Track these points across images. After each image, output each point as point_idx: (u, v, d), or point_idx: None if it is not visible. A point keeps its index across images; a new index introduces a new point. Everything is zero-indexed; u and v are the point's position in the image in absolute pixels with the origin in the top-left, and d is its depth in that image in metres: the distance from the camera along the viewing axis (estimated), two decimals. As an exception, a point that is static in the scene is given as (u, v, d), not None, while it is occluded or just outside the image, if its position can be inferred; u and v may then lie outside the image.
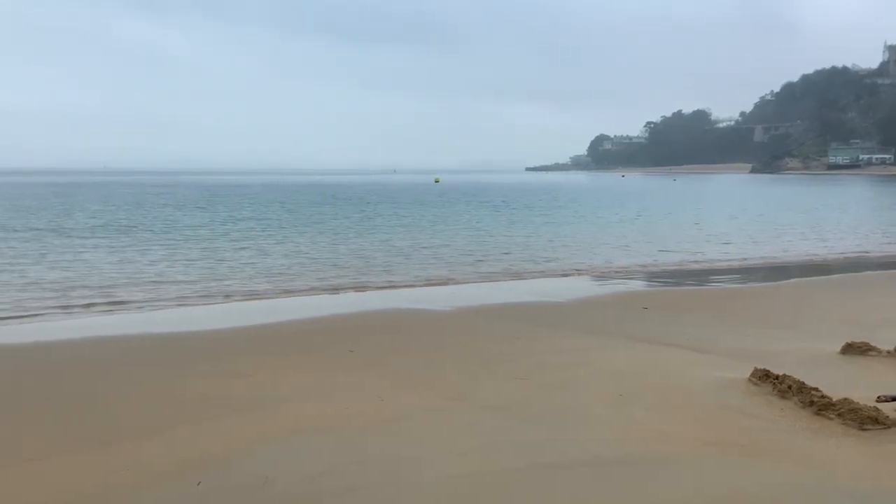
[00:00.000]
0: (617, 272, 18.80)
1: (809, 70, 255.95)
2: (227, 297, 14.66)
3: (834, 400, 6.58)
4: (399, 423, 6.61)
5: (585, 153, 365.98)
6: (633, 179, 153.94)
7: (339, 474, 5.42)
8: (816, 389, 6.82)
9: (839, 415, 6.39)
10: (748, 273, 19.22)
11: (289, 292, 15.36)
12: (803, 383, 7.00)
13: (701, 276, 18.43)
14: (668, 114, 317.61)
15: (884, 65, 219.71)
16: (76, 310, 13.18)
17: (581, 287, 16.30)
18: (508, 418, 6.69)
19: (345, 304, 13.93)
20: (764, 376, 7.48)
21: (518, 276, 18.13)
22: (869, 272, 19.29)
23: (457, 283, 16.93)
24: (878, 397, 6.82)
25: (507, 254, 22.68)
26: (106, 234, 27.41)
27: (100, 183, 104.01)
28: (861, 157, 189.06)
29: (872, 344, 8.94)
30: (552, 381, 7.96)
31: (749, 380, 7.62)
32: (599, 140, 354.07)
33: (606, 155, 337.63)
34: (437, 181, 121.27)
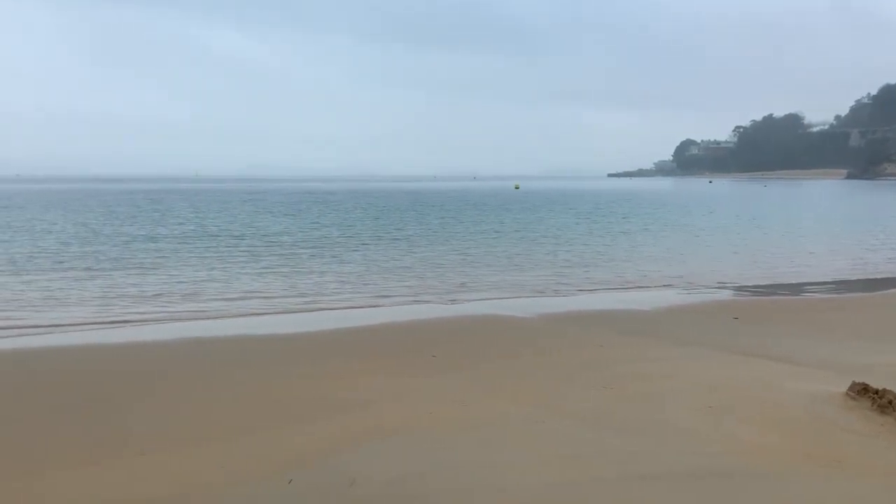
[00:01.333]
0: (705, 281, 18.28)
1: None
2: (315, 303, 14.99)
3: (939, 417, 6.22)
4: (483, 428, 6.61)
5: (670, 158, 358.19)
6: (720, 185, 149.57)
7: (426, 478, 5.46)
8: (920, 406, 6.48)
9: (944, 433, 6.04)
10: (844, 283, 18.36)
11: (374, 298, 15.57)
12: (905, 399, 6.66)
13: (794, 286, 17.72)
14: (759, 117, 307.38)
15: None
16: (175, 313, 13.74)
17: (667, 296, 15.91)
18: (595, 427, 6.59)
19: (426, 309, 14.02)
20: (862, 391, 7.13)
21: (601, 284, 17.86)
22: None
23: (538, 290, 16.79)
24: None
25: (589, 261, 22.39)
26: (217, 243, 28.46)
27: (194, 190, 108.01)
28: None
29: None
30: (639, 390, 7.80)
31: (846, 394, 7.28)
32: (686, 145, 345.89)
33: (693, 160, 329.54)
34: (516, 187, 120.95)
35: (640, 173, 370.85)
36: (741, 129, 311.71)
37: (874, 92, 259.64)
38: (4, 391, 8.11)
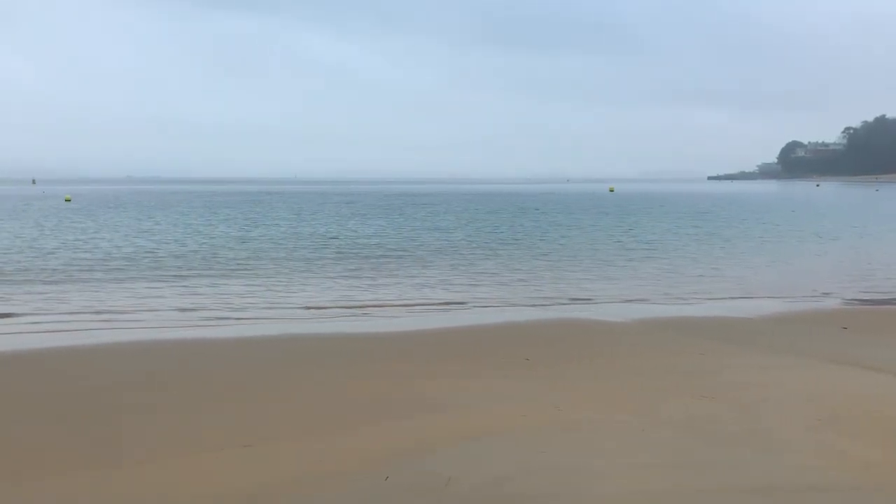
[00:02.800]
0: (811, 289, 17.48)
1: None
2: (410, 304, 15.21)
3: None
4: (578, 433, 6.55)
5: (775, 161, 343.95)
6: (829, 189, 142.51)
7: (520, 481, 5.46)
8: None
9: None
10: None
11: (467, 299, 15.66)
12: None
13: (910, 295, 16.71)
14: (870, 118, 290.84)
15: None
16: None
17: (771, 304, 15.29)
18: (694, 437, 6.43)
19: (519, 312, 13.99)
20: None
21: (700, 290, 17.35)
22: None
23: (635, 296, 16.47)
24: None
25: (687, 267, 21.81)
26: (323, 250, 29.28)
27: (294, 192, 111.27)
28: None
29: None
30: (740, 400, 7.55)
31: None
32: (791, 147, 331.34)
33: (799, 163, 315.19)
34: (611, 190, 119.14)
35: (743, 176, 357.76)
36: (851, 131, 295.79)
37: None
38: (132, 381, 8.61)
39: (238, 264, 21.33)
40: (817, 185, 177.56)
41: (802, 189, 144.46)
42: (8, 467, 5.86)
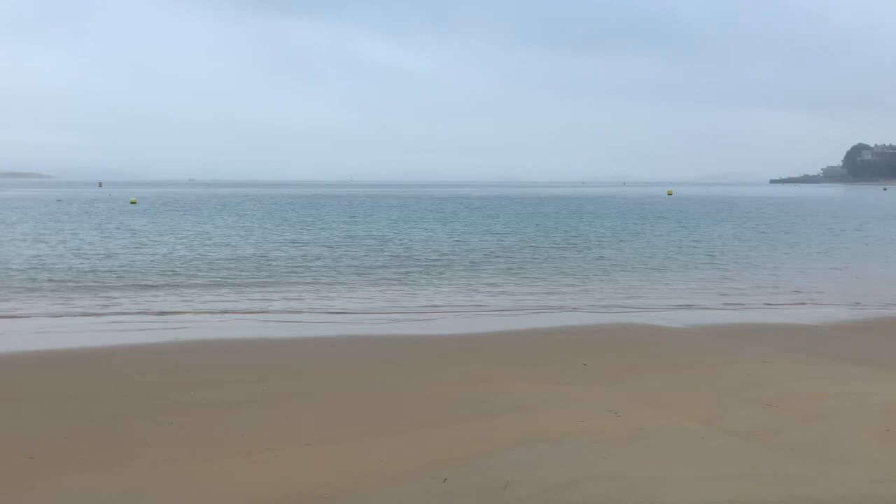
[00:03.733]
0: (880, 298, 16.89)
1: None
2: (469, 307, 15.24)
3: None
4: (638, 441, 6.47)
5: (840, 164, 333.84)
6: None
7: (579, 487, 5.42)
8: None
9: None
10: None
11: (524, 305, 15.61)
12: None
13: None
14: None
15: None
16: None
17: (836, 311, 14.84)
18: (760, 446, 6.29)
19: (577, 317, 13.87)
20: None
21: (762, 296, 16.93)
22: None
23: (696, 302, 16.16)
24: None
25: (746, 273, 21.33)
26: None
27: (348, 195, 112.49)
28: None
29: None
30: (807, 410, 7.36)
31: None
32: (857, 150, 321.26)
33: (865, 166, 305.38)
34: (669, 193, 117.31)
35: (806, 179, 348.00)
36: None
37: None
38: (200, 380, 8.84)
39: (292, 268, 21.68)
40: (884, 189, 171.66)
41: (869, 193, 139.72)
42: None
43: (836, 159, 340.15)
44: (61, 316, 13.61)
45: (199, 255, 24.54)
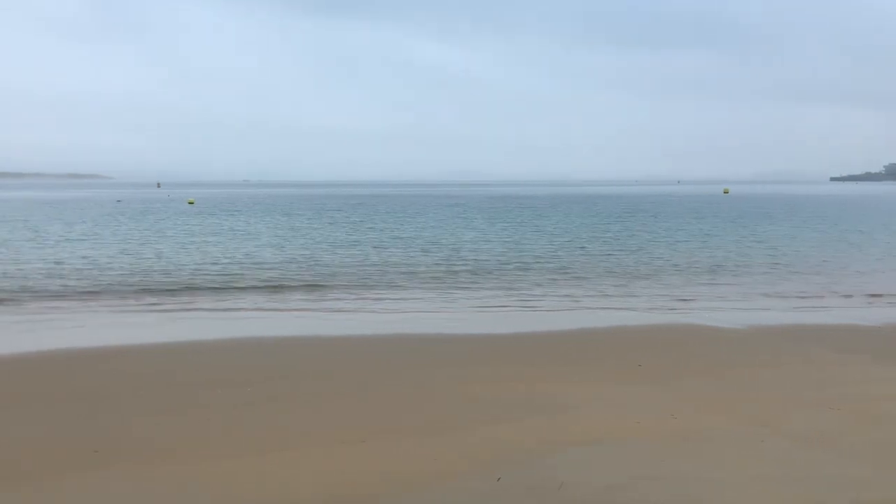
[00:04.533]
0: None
1: None
2: (519, 305, 15.20)
3: None
4: (695, 443, 6.36)
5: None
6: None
7: (633, 489, 5.36)
8: None
9: None
10: None
11: (578, 304, 15.49)
12: None
13: None
14: None
15: None
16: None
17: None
18: (820, 450, 6.12)
19: (631, 317, 13.71)
20: None
21: (819, 297, 16.46)
22: None
23: (751, 302, 15.80)
24: None
25: (806, 273, 20.77)
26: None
27: (399, 196, 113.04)
28: None
29: None
30: (871, 413, 7.14)
31: None
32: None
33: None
34: (726, 192, 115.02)
35: (868, 177, 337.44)
36: None
37: None
38: (258, 376, 9.02)
39: (347, 267, 21.91)
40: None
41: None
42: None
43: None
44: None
45: (248, 255, 25.00)
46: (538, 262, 22.76)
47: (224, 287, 17.55)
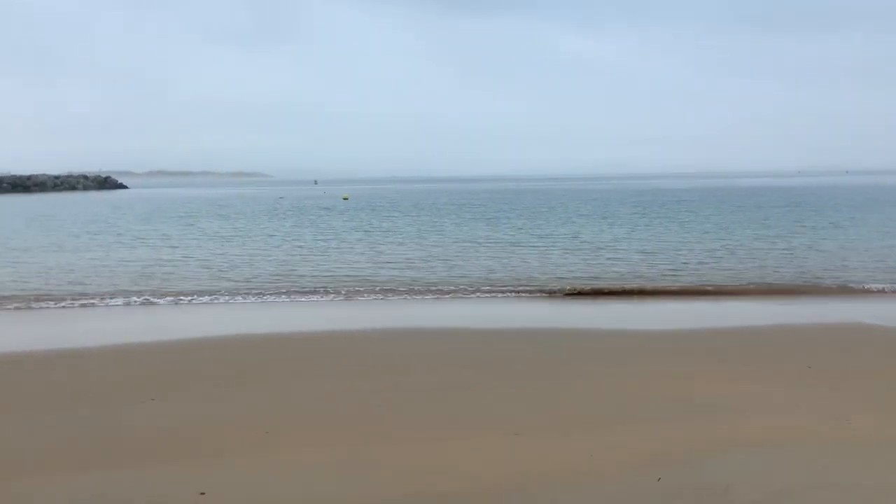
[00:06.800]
0: None
1: None
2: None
3: None
4: (872, 450, 5.92)
5: None
6: None
7: (807, 497, 5.04)
8: None
9: None
10: None
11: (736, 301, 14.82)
12: None
13: None
14: None
15: None
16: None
17: None
18: None
19: (800, 316, 12.94)
20: None
21: None
22: None
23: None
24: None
25: None
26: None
27: (542, 189, 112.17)
28: None
29: None
30: None
31: None
32: None
33: None
34: None
35: None
36: None
37: None
38: (416, 362, 9.33)
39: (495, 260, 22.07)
40: None
41: None
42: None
43: None
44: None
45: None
46: (695, 256, 21.93)
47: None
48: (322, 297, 15.56)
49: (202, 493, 5.18)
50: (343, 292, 16.08)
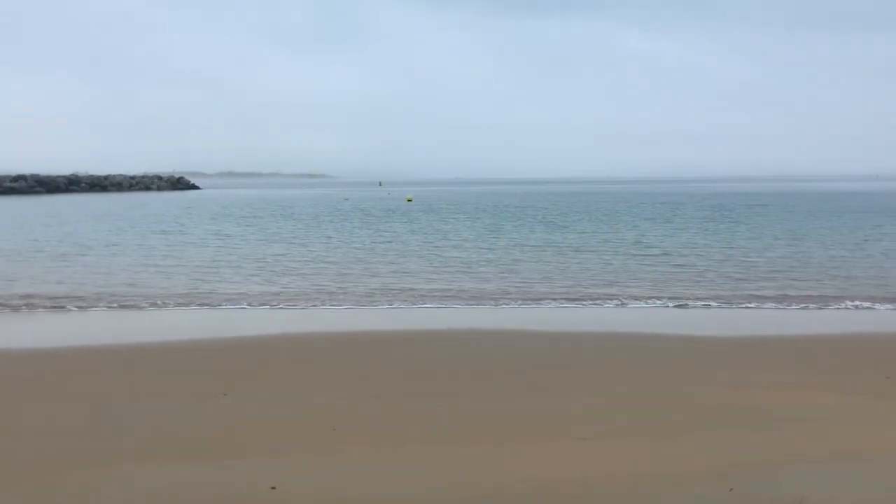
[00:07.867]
0: None
1: None
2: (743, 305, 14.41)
3: None
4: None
5: None
6: None
7: (888, 512, 4.90)
8: None
9: None
10: None
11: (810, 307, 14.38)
12: None
13: None
14: None
15: None
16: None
17: None
18: None
19: (876, 323, 12.48)
20: None
21: None
22: None
23: None
24: None
25: None
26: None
27: (604, 192, 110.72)
28: None
29: None
30: None
31: None
32: None
33: None
34: None
35: None
36: None
37: None
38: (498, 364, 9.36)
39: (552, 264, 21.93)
40: None
41: None
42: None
43: None
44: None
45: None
46: (765, 262, 21.36)
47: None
48: (391, 302, 15.61)
49: (273, 488, 5.31)
50: (417, 295, 16.15)
